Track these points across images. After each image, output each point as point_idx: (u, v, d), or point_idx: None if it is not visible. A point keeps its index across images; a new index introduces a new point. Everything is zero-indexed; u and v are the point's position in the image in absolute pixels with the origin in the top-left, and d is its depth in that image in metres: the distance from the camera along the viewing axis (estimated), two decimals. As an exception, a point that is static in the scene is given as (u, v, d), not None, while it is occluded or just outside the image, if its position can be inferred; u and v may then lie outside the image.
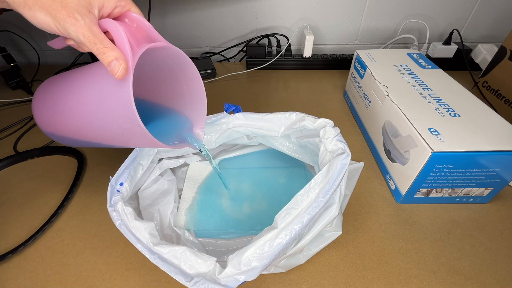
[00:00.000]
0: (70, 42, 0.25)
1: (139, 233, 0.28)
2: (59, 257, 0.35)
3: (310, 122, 0.35)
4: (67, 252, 0.35)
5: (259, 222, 0.37)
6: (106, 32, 0.25)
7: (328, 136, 0.33)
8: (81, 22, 0.22)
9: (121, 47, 0.24)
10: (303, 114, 0.36)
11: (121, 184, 0.32)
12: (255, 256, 0.25)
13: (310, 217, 0.26)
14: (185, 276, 0.25)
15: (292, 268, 0.32)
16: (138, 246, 0.27)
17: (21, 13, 0.22)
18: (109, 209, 0.29)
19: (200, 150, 0.34)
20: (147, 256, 0.27)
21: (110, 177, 0.32)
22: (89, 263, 0.34)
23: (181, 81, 0.33)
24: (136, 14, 0.27)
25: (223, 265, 0.26)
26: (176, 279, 0.25)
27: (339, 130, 0.33)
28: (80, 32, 0.22)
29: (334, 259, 0.34)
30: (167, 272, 0.26)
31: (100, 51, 0.22)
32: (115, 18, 0.26)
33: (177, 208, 0.39)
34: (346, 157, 0.29)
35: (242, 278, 0.25)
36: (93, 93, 0.27)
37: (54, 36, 0.25)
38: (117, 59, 0.22)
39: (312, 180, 0.28)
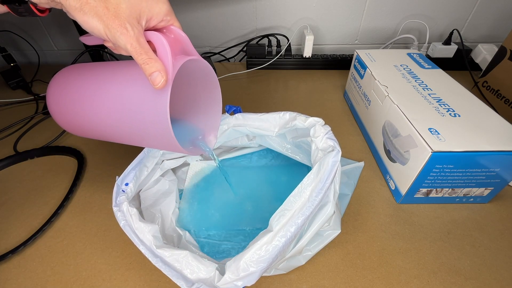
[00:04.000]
0: (109, 44, 0.26)
1: (142, 234, 0.28)
2: (59, 257, 0.35)
3: (301, 121, 0.36)
4: (67, 252, 0.35)
5: (261, 220, 0.37)
6: (148, 41, 0.25)
7: (318, 134, 0.33)
8: (131, 33, 0.23)
9: (164, 59, 0.25)
10: (295, 113, 0.37)
11: (127, 184, 0.32)
12: (253, 260, 0.25)
13: (304, 217, 0.26)
14: (186, 281, 0.25)
15: (292, 269, 0.32)
16: (141, 248, 0.27)
17: (74, 17, 0.23)
18: (114, 209, 0.29)
19: (212, 156, 0.35)
20: (150, 258, 0.27)
21: (117, 176, 0.32)
22: (89, 263, 0.34)
23: (200, 90, 0.34)
24: (175, 27, 0.28)
25: (223, 270, 0.26)
26: (177, 284, 0.25)
27: (329, 128, 0.33)
28: (129, 42, 0.23)
29: (334, 259, 0.34)
30: (168, 276, 0.26)
31: (145, 61, 0.23)
32: (155, 28, 0.27)
33: (178, 209, 0.39)
34: (337, 154, 0.29)
35: (240, 284, 0.25)
36: (125, 93, 0.28)
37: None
38: (159, 71, 0.24)
39: (304, 179, 0.28)
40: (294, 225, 0.26)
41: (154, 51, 0.25)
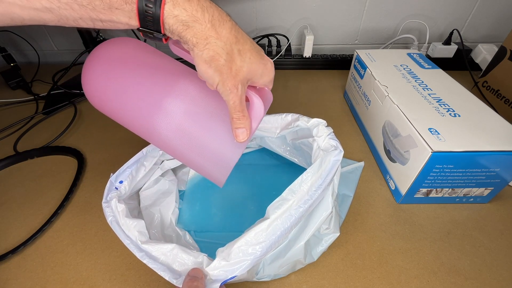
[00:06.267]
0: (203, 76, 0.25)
1: (128, 230, 0.28)
2: (59, 257, 0.35)
3: (304, 122, 0.36)
4: (67, 252, 0.35)
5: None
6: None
7: (321, 134, 0.33)
8: (239, 93, 0.24)
9: (254, 120, 0.27)
10: (298, 115, 0.37)
11: (121, 182, 0.32)
12: (246, 247, 0.24)
13: (303, 209, 0.26)
14: (172, 273, 0.25)
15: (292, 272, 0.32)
16: (126, 242, 0.27)
17: (196, 62, 0.23)
18: (103, 205, 0.30)
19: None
20: (135, 253, 0.27)
21: (111, 173, 0.32)
22: (89, 263, 0.34)
23: None
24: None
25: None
26: (163, 276, 0.25)
27: (332, 130, 0.34)
28: (232, 99, 0.24)
29: (334, 259, 0.34)
30: (154, 269, 0.26)
31: (238, 117, 0.25)
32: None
33: (179, 209, 0.39)
34: (339, 153, 0.30)
35: (231, 271, 0.24)
36: (200, 123, 0.28)
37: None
38: (246, 129, 0.26)
39: (304, 173, 0.29)
40: (291, 216, 0.26)
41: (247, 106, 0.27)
